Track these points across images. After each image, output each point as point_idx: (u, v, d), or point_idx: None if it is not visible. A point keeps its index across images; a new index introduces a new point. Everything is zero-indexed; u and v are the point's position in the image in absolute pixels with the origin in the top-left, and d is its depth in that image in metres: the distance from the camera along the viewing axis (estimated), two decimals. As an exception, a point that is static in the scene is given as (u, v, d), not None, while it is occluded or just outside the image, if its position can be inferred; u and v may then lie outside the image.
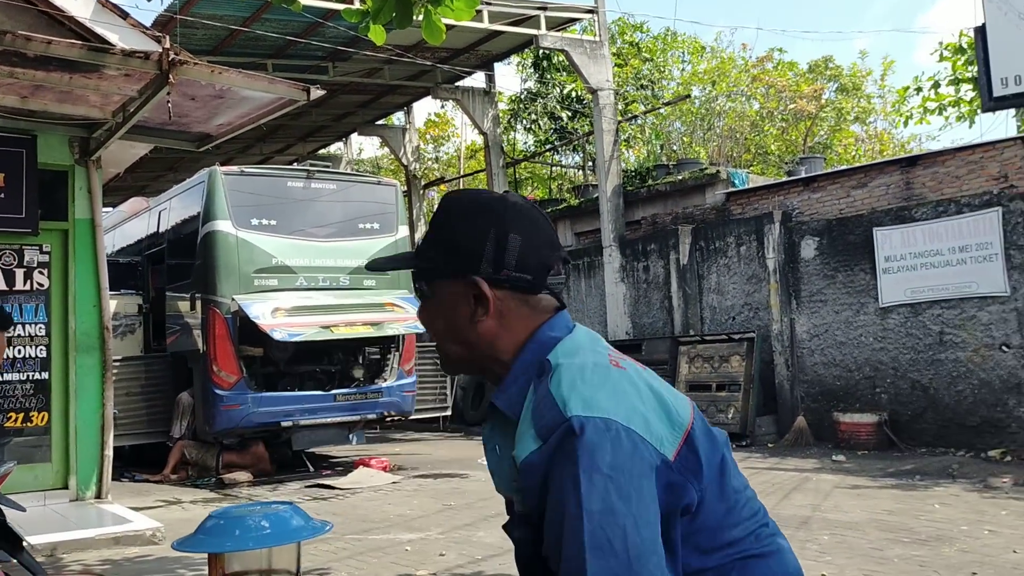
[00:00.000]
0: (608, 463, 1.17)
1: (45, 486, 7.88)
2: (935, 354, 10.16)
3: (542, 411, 1.24)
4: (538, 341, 1.34)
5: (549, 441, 1.20)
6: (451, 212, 1.40)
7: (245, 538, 0.80)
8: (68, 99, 7.26)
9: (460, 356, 1.39)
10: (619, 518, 1.15)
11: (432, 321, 1.40)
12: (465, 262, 1.34)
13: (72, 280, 7.96)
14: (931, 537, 6.08)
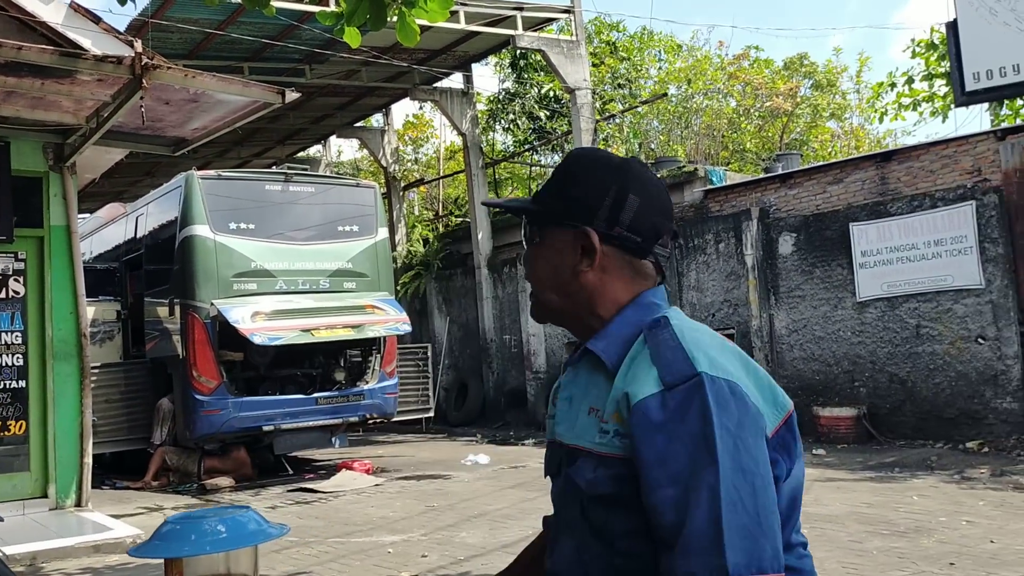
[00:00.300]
0: (735, 423, 1.19)
1: (24, 495, 7.82)
2: (912, 347, 10.26)
3: (669, 359, 1.25)
4: (642, 304, 1.37)
5: (676, 390, 1.21)
6: (576, 164, 1.44)
7: (201, 543, 0.81)
8: (41, 105, 7.20)
9: (556, 305, 1.41)
10: (748, 476, 1.18)
11: (536, 267, 1.42)
12: (581, 213, 1.38)
13: (48, 287, 7.90)
14: (910, 529, 6.14)
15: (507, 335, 15.52)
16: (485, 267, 15.78)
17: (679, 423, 1.20)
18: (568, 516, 1.34)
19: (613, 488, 1.25)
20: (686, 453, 1.18)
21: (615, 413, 1.26)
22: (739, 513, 1.16)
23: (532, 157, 20.80)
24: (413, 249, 17.75)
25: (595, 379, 1.34)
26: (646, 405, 1.22)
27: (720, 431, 1.18)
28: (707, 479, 1.16)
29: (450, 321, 16.78)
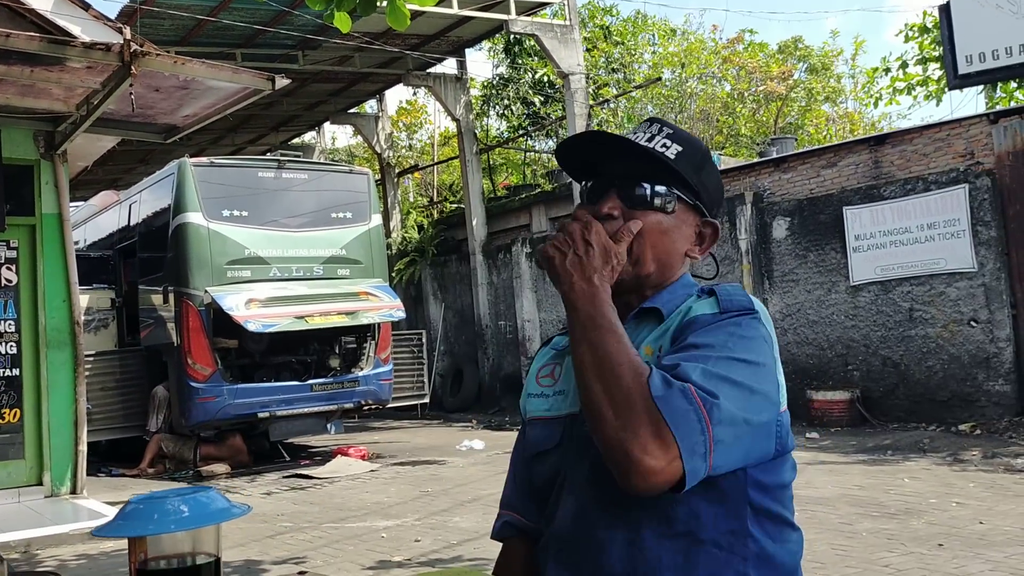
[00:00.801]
0: (766, 355, 1.27)
1: (19, 483, 7.83)
2: (905, 330, 10.29)
3: (730, 294, 1.32)
4: (686, 282, 1.43)
5: (731, 312, 1.29)
6: (708, 153, 1.48)
7: (164, 521, 0.82)
8: (30, 92, 7.16)
9: (648, 274, 1.38)
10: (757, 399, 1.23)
11: (654, 234, 1.37)
12: (714, 205, 1.45)
13: (41, 275, 7.88)
14: (900, 511, 6.18)
15: (502, 321, 15.54)
16: (480, 253, 15.78)
17: (721, 326, 1.27)
18: (576, 476, 1.34)
19: None
20: (711, 339, 1.24)
21: (648, 346, 1.32)
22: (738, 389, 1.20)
23: (527, 143, 20.76)
24: (408, 235, 17.75)
25: (639, 333, 1.36)
26: (699, 317, 1.29)
27: (749, 345, 1.25)
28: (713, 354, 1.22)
29: (445, 307, 16.79)
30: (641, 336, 1.35)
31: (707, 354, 1.22)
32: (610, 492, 1.26)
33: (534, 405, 1.47)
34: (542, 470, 1.42)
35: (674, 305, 1.36)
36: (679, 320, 1.32)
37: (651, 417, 1.14)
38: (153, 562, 0.85)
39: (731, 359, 1.22)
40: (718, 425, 1.17)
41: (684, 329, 1.29)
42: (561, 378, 1.44)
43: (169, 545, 0.85)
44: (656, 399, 1.15)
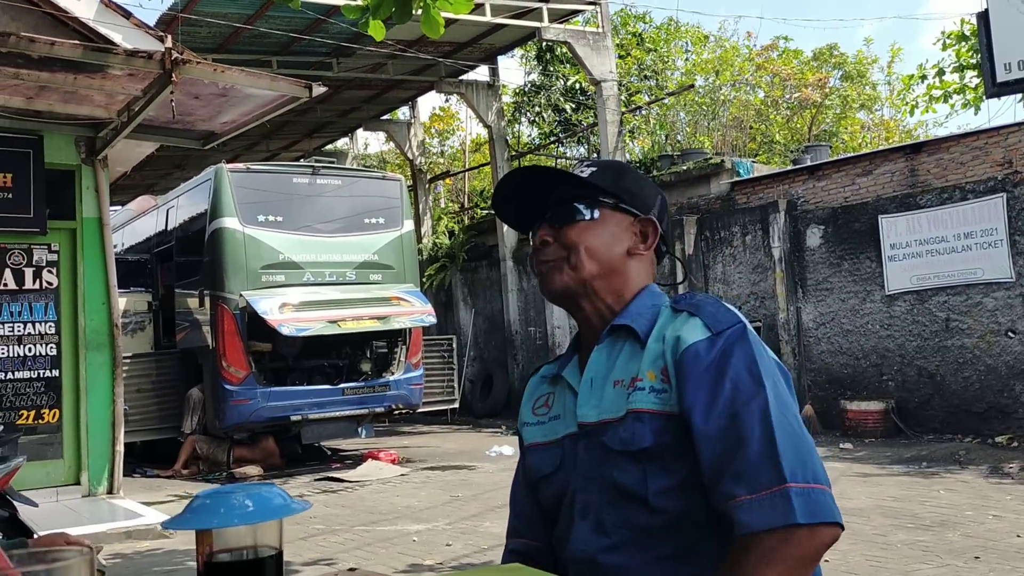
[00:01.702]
0: (772, 364, 1.33)
1: (57, 482, 7.98)
2: (941, 341, 10.17)
3: (712, 311, 1.36)
4: (653, 292, 1.48)
5: (724, 334, 1.32)
6: (626, 166, 1.60)
7: (230, 516, 0.85)
8: (73, 99, 7.32)
9: (590, 277, 1.45)
10: (790, 407, 1.29)
11: (585, 239, 1.45)
12: (642, 205, 1.50)
13: (81, 278, 8.04)
14: (935, 523, 6.11)
15: (532, 327, 15.56)
16: (510, 259, 15.82)
17: (728, 360, 1.29)
18: (588, 498, 1.37)
19: (652, 440, 1.30)
20: (733, 385, 1.27)
21: (650, 371, 1.34)
22: (789, 433, 1.24)
23: (558, 149, 20.80)
24: (439, 241, 17.83)
25: (621, 354, 1.40)
26: (697, 348, 1.31)
27: (764, 366, 1.30)
28: (757, 404, 1.25)
29: (475, 313, 16.84)
30: (612, 366, 1.40)
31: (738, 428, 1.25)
32: (627, 515, 1.31)
33: (530, 433, 1.53)
34: (548, 493, 1.46)
35: (646, 320, 1.40)
36: (671, 348, 1.34)
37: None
38: (218, 555, 0.89)
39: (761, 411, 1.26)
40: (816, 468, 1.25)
41: (685, 365, 1.31)
42: (555, 404, 1.49)
43: (234, 539, 0.88)
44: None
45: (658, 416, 1.30)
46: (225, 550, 0.89)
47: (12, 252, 7.86)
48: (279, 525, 0.90)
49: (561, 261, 1.45)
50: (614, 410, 1.35)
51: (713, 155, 14.59)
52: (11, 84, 6.79)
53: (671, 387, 1.31)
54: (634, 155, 17.30)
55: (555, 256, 1.45)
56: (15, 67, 6.39)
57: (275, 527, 0.89)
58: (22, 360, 7.90)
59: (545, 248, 1.46)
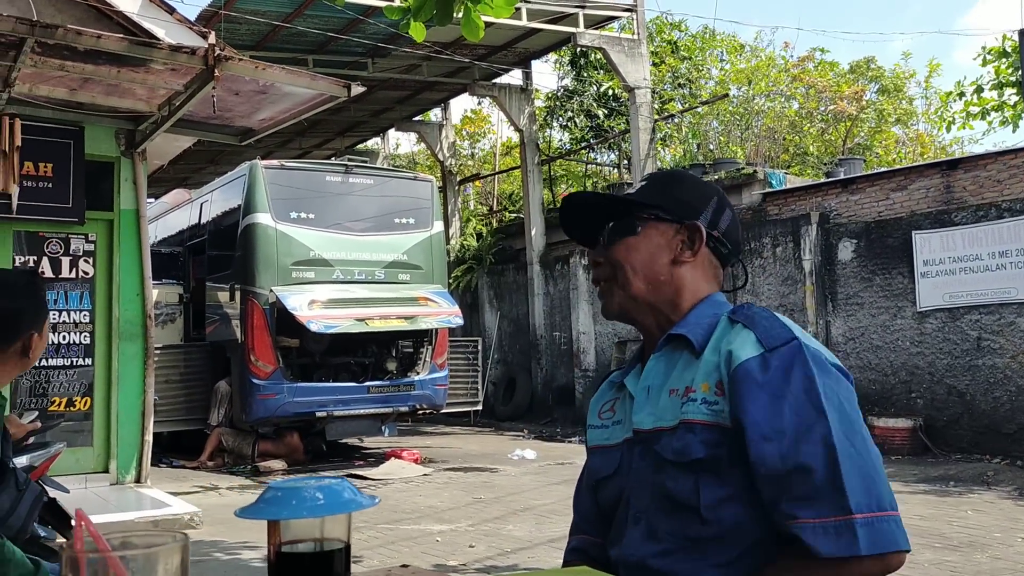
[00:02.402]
0: (835, 380, 1.31)
1: (87, 469, 8.08)
2: (972, 360, 10.05)
3: (766, 326, 1.34)
4: (714, 302, 1.47)
5: (777, 352, 1.30)
6: (678, 173, 1.61)
7: (300, 508, 0.87)
8: (115, 92, 7.42)
9: (642, 295, 1.47)
10: (856, 427, 1.28)
11: (631, 256, 1.47)
12: (686, 211, 1.48)
13: (116, 269, 8.14)
14: (963, 543, 6.05)
15: (557, 332, 15.56)
16: (537, 263, 15.82)
17: (784, 383, 1.28)
18: (641, 505, 1.39)
19: (705, 451, 1.31)
20: (792, 411, 1.26)
21: (704, 383, 1.34)
22: (853, 459, 1.24)
23: (588, 155, 20.79)
24: (467, 243, 17.87)
25: (678, 363, 1.41)
26: (749, 366, 1.30)
27: (824, 389, 1.27)
28: (819, 431, 1.24)
29: (500, 316, 16.86)
30: (668, 375, 1.41)
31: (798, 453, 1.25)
32: (679, 524, 1.33)
33: (594, 435, 1.57)
34: (606, 495, 1.50)
35: (702, 330, 1.41)
36: (724, 361, 1.33)
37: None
38: (287, 545, 0.91)
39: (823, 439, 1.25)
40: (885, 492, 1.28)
41: (739, 382, 1.30)
42: (618, 410, 1.52)
43: (304, 530, 0.90)
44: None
45: (711, 428, 1.31)
46: (294, 541, 0.91)
47: (50, 241, 7.98)
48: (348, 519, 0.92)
49: (611, 281, 1.49)
50: (668, 419, 1.37)
51: (745, 165, 14.52)
52: (56, 76, 6.90)
53: (725, 400, 1.31)
54: (665, 163, 17.26)
55: (606, 276, 1.50)
56: (61, 59, 6.49)
57: (344, 520, 0.91)
58: (56, 348, 8.01)
59: (596, 269, 1.52)
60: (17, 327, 2.03)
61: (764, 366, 1.29)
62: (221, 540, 6.43)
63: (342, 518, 0.89)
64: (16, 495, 2.08)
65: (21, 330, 2.03)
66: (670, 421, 1.36)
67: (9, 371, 2.08)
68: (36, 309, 2.08)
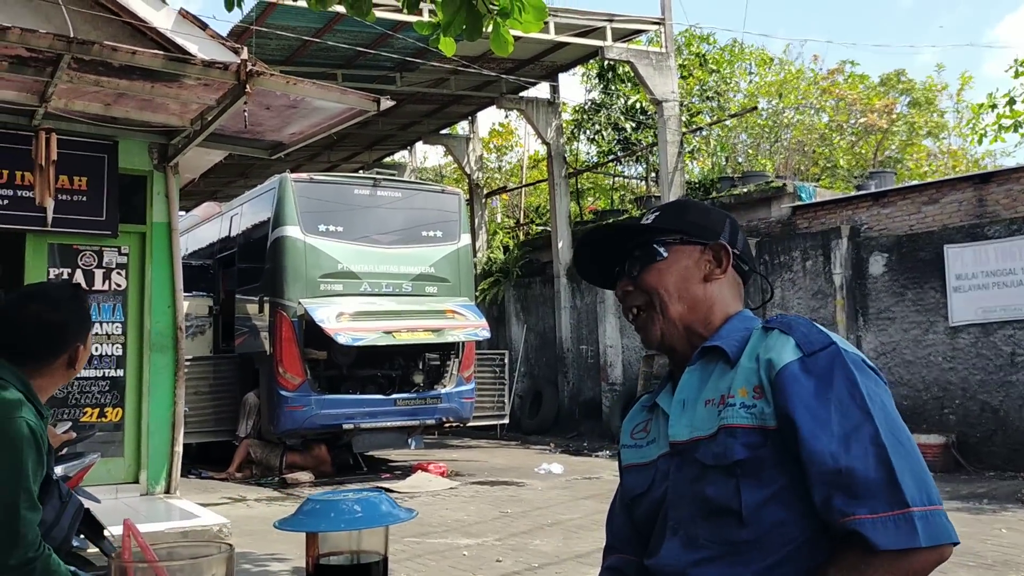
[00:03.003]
0: (874, 383, 1.34)
1: (117, 480, 8.14)
2: (1006, 375, 9.90)
3: (804, 331, 1.37)
4: (745, 317, 1.52)
5: (817, 356, 1.33)
6: (690, 202, 1.68)
7: (339, 520, 0.88)
8: (149, 107, 7.52)
9: (680, 315, 1.50)
10: (899, 424, 1.32)
11: (663, 280, 1.52)
12: (708, 233, 1.55)
13: (148, 281, 8.22)
14: (997, 562, 5.94)
15: (584, 345, 15.51)
16: (564, 276, 15.81)
17: (827, 387, 1.31)
18: (679, 515, 1.41)
19: (746, 453, 1.33)
20: (840, 413, 1.29)
21: (742, 388, 1.36)
22: (903, 456, 1.27)
23: (616, 168, 20.77)
24: (493, 256, 17.90)
25: (712, 374, 1.44)
26: (790, 370, 1.33)
27: (867, 391, 1.31)
28: (867, 431, 1.27)
29: (527, 329, 16.85)
30: (703, 386, 1.44)
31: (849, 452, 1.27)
32: (720, 529, 1.34)
33: (627, 455, 1.59)
34: (641, 512, 1.51)
35: (735, 340, 1.44)
36: (764, 367, 1.35)
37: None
38: (325, 558, 0.91)
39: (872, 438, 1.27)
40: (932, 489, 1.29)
41: (783, 384, 1.32)
42: (652, 430, 1.55)
43: (342, 543, 0.90)
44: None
45: (752, 431, 1.33)
46: (333, 553, 0.91)
47: (84, 253, 8.08)
48: (385, 532, 0.92)
49: (648, 308, 1.52)
50: (706, 428, 1.39)
51: (774, 178, 14.44)
52: (91, 91, 7.01)
53: (766, 402, 1.33)
54: (693, 176, 17.19)
55: (640, 302, 1.53)
56: (96, 74, 6.59)
57: (381, 533, 0.92)
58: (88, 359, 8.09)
59: (628, 297, 1.55)
60: (64, 339, 2.07)
61: (806, 369, 1.32)
62: (249, 552, 6.46)
63: (379, 531, 0.90)
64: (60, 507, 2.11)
65: (68, 342, 2.08)
66: (708, 429, 1.38)
67: (56, 382, 2.13)
68: (81, 321, 2.13)
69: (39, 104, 7.07)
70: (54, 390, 2.17)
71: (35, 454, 1.94)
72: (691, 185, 15.39)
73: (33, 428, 1.94)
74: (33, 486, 1.94)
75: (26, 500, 1.91)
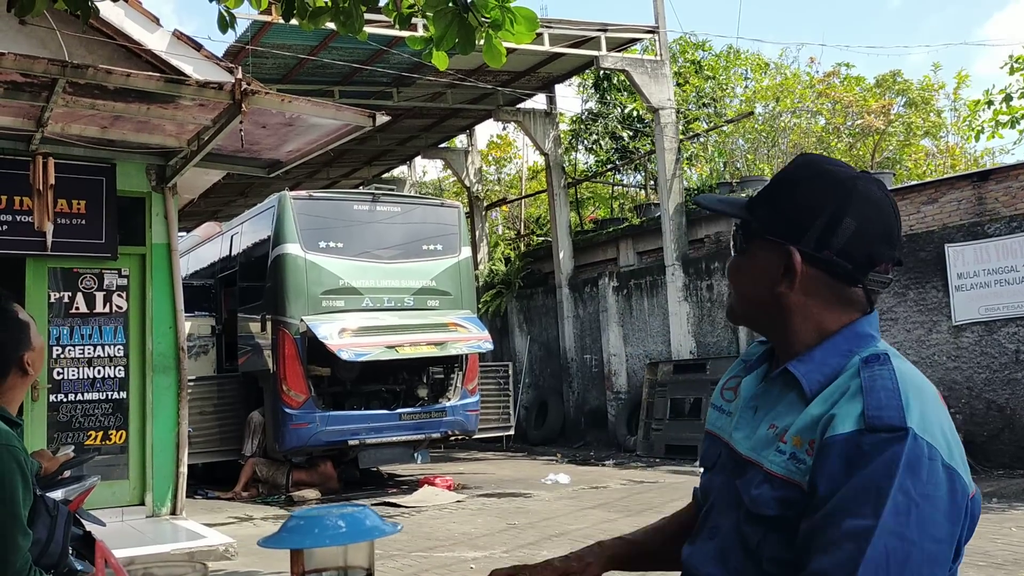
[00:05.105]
0: (920, 491, 1.12)
1: (123, 502, 8.13)
2: (1011, 373, 9.87)
3: (881, 400, 1.17)
4: (854, 334, 1.29)
5: (876, 436, 1.14)
6: (798, 172, 1.36)
7: (323, 536, 0.87)
8: (145, 128, 7.56)
9: (744, 313, 1.39)
10: (907, 544, 1.10)
11: (739, 278, 1.38)
12: (790, 230, 1.31)
13: (149, 302, 8.24)
14: (1007, 561, 5.91)
15: (587, 354, 15.50)
16: (566, 286, 15.81)
17: (861, 468, 1.14)
18: (721, 522, 1.34)
19: (777, 510, 1.22)
20: (852, 499, 1.13)
21: (797, 436, 1.22)
22: (879, 574, 1.10)
23: (615, 177, 20.79)
24: (495, 268, 17.91)
25: (786, 398, 1.30)
26: (838, 441, 1.16)
27: (897, 492, 1.11)
28: (859, 531, 1.11)
29: (531, 340, 16.84)
30: (777, 406, 1.30)
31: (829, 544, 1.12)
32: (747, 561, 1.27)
33: (712, 417, 1.48)
34: (704, 485, 1.45)
35: (823, 373, 1.27)
36: (824, 424, 1.19)
37: None
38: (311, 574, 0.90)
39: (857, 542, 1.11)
40: None
41: (824, 453, 1.17)
42: (739, 395, 1.43)
43: (327, 558, 0.90)
44: None
45: (789, 485, 1.21)
46: (318, 570, 0.91)
47: (84, 276, 8.10)
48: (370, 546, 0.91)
49: (733, 297, 1.42)
50: (762, 455, 1.28)
51: (772, 182, 14.42)
52: (87, 114, 7.04)
53: (812, 460, 1.20)
54: (692, 182, 17.21)
55: (729, 290, 1.43)
56: (91, 97, 6.62)
57: (366, 548, 0.91)
58: (91, 382, 8.11)
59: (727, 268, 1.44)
60: (5, 357, 2.08)
61: (855, 447, 1.15)
62: (256, 571, 6.44)
63: (364, 546, 0.89)
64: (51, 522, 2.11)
65: (10, 358, 2.08)
66: (762, 459, 1.28)
67: (18, 394, 2.13)
68: (15, 332, 2.12)
69: (36, 129, 7.11)
70: (21, 398, 2.18)
71: (20, 477, 1.93)
72: (690, 191, 15.39)
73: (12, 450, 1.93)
74: (22, 511, 1.93)
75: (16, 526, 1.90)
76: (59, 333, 7.94)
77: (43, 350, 2.19)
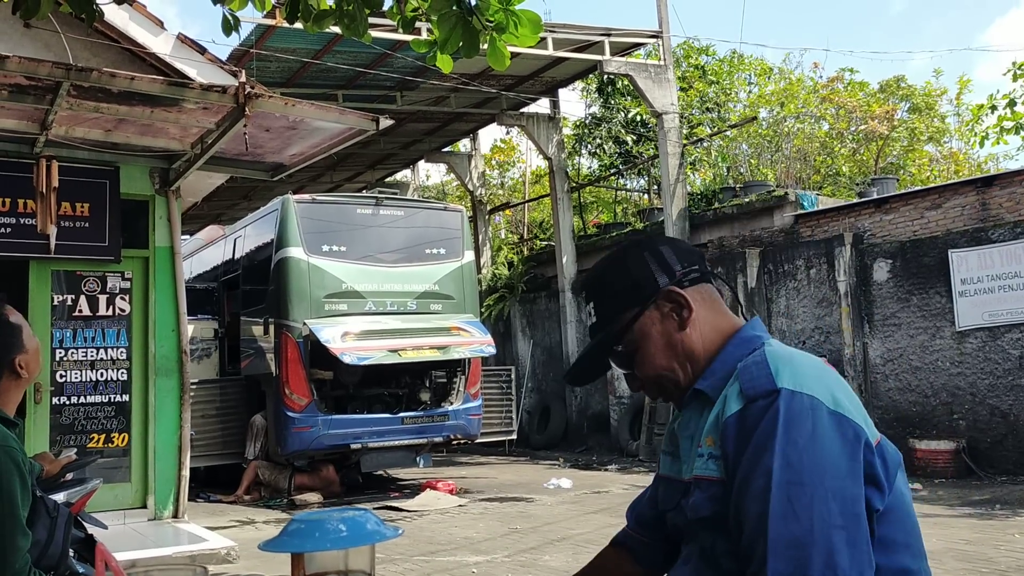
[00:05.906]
0: (806, 437, 1.21)
1: (125, 505, 8.12)
2: (1015, 379, 9.84)
3: (752, 374, 1.29)
4: (742, 339, 1.41)
5: (755, 404, 1.25)
6: (602, 272, 1.51)
7: (324, 540, 0.86)
8: (149, 132, 7.56)
9: (680, 377, 1.44)
10: (807, 488, 1.18)
11: (650, 361, 1.44)
12: (646, 290, 1.43)
13: (152, 305, 8.24)
14: (1011, 567, 5.88)
15: (591, 359, 15.46)
16: (569, 290, 15.80)
17: (748, 436, 1.24)
18: (687, 550, 1.40)
19: (711, 509, 1.29)
20: (749, 467, 1.22)
21: (709, 437, 1.31)
22: (788, 523, 1.17)
23: (618, 181, 20.79)
24: (498, 272, 17.90)
25: (703, 415, 1.39)
26: (731, 423, 1.27)
27: (784, 444, 1.20)
28: (759, 493, 1.20)
29: (533, 344, 16.83)
30: (698, 425, 1.38)
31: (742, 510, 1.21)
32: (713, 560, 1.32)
33: (663, 463, 1.53)
34: (671, 525, 1.48)
35: (719, 384, 1.36)
36: (716, 411, 1.31)
37: None
38: (313, 577, 0.90)
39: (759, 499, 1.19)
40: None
41: (725, 437, 1.27)
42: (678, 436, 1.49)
43: (328, 562, 0.89)
44: None
45: (715, 483, 1.29)
46: (319, 573, 0.90)
47: (87, 279, 8.10)
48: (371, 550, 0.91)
49: (658, 385, 1.47)
50: (694, 469, 1.36)
51: (776, 187, 14.43)
52: (91, 117, 7.05)
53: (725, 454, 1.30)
54: (695, 187, 17.19)
55: (646, 384, 1.48)
56: (95, 101, 6.63)
57: (367, 552, 0.90)
58: (94, 385, 8.11)
59: (634, 383, 1.50)
60: None
61: (741, 421, 1.26)
62: (258, 574, 6.44)
63: (365, 550, 0.89)
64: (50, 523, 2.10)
65: (1, 363, 2.07)
66: (693, 471, 1.36)
67: (14, 396, 2.13)
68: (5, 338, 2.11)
69: (40, 132, 7.11)
70: (17, 400, 2.17)
71: (18, 477, 1.92)
72: (693, 196, 15.39)
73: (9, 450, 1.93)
74: (21, 512, 1.93)
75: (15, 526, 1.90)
76: (62, 336, 7.94)
77: (38, 352, 2.18)
